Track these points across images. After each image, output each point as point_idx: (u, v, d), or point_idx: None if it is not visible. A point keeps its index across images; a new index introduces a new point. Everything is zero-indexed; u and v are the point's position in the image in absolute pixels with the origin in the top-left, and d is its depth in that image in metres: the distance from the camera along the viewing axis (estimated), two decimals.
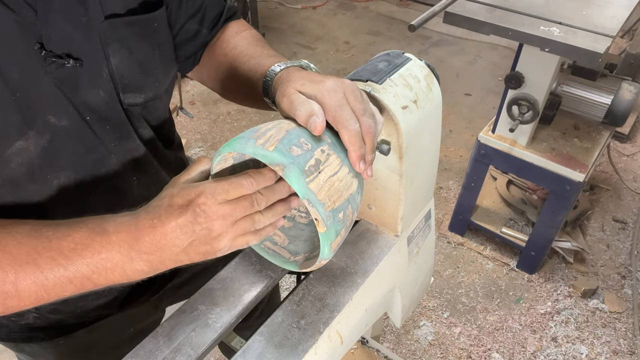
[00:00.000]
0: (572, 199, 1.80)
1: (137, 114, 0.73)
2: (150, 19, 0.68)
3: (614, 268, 2.16)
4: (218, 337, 0.68)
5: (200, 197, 0.52)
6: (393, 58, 0.73)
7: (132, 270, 0.54)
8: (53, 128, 0.62)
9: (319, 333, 0.68)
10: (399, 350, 1.87)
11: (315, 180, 0.52)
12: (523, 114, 1.71)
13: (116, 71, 0.66)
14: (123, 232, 0.53)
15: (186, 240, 0.52)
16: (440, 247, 2.25)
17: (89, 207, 0.71)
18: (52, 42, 0.58)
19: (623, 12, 1.53)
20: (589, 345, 1.88)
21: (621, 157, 2.74)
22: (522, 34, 1.44)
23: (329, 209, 0.53)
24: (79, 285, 0.54)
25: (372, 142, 0.57)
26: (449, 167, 2.67)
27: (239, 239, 0.55)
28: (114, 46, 0.64)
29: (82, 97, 0.63)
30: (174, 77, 0.80)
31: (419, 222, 0.89)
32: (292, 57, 3.60)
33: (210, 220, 0.51)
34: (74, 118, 0.63)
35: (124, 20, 0.65)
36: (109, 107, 0.67)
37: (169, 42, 0.75)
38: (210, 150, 2.77)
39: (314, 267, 0.60)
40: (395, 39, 3.89)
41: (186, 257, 0.54)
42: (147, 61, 0.70)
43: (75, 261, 0.52)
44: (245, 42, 0.80)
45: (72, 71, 0.61)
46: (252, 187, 0.54)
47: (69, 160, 0.66)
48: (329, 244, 0.54)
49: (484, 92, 3.26)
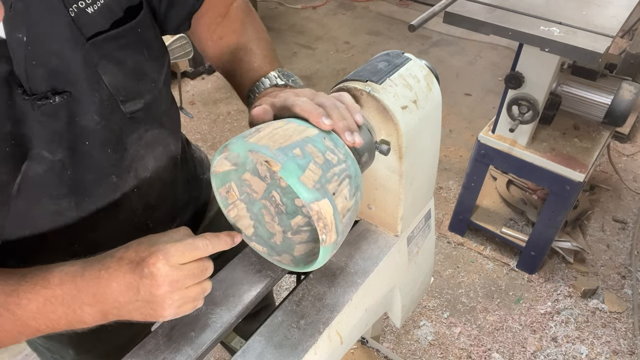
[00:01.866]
0: (572, 199, 1.80)
1: (141, 118, 0.71)
2: (133, 26, 0.66)
3: (614, 268, 2.16)
4: (218, 337, 0.68)
5: (152, 256, 0.50)
6: (393, 58, 0.73)
7: (76, 321, 0.53)
8: (49, 162, 0.61)
9: (319, 333, 0.68)
10: (399, 350, 1.87)
11: (255, 136, 0.54)
12: (523, 114, 1.71)
13: (110, 87, 0.64)
14: (67, 283, 0.52)
15: (129, 298, 0.51)
16: (440, 247, 2.25)
17: (92, 225, 0.70)
18: (34, 87, 0.55)
19: (623, 12, 1.53)
20: (589, 345, 1.88)
21: (621, 157, 2.74)
22: (522, 34, 1.44)
23: (274, 148, 0.53)
24: (30, 335, 0.55)
25: (337, 110, 0.59)
26: (449, 167, 2.67)
27: (185, 306, 0.54)
28: (102, 64, 0.62)
29: (79, 125, 0.61)
30: (168, 65, 0.78)
31: (419, 222, 0.89)
32: (292, 57, 3.60)
33: (156, 285, 0.50)
34: (72, 147, 0.62)
35: (107, 37, 0.62)
36: (107, 128, 0.65)
37: (155, 34, 0.73)
38: (210, 150, 2.77)
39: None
40: (395, 39, 3.89)
41: (127, 314, 0.53)
42: (139, 66, 0.68)
43: (21, 316, 0.52)
44: (232, 28, 0.81)
45: (62, 105, 0.59)
46: (207, 249, 0.53)
47: (69, 189, 0.65)
48: (297, 179, 0.52)
49: (484, 92, 3.26)
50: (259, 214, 0.67)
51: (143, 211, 0.78)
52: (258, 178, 0.66)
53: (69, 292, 0.52)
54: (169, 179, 0.82)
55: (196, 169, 0.96)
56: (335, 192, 0.55)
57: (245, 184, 0.66)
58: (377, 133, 0.70)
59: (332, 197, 0.54)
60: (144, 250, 0.52)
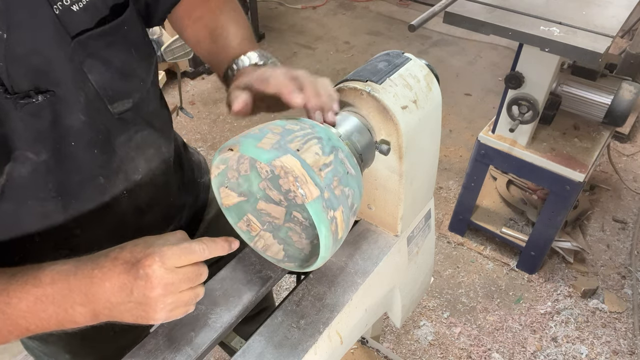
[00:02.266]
0: (572, 199, 1.80)
1: (130, 118, 0.70)
2: (119, 24, 0.65)
3: (614, 268, 2.16)
4: (218, 337, 0.68)
5: (148, 258, 0.50)
6: (393, 58, 0.73)
7: (67, 321, 0.53)
8: (33, 163, 0.60)
9: (319, 333, 0.68)
10: (399, 350, 1.87)
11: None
12: (523, 114, 1.71)
13: (97, 86, 0.63)
14: (59, 282, 0.52)
15: (121, 299, 0.51)
16: (440, 247, 2.25)
17: (79, 227, 0.70)
18: (16, 85, 0.55)
19: (623, 12, 1.53)
20: (589, 345, 1.88)
21: (621, 157, 2.74)
22: (522, 34, 1.44)
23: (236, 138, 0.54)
24: (20, 334, 0.54)
25: (312, 85, 0.59)
26: (449, 167, 2.67)
27: (177, 310, 0.53)
28: (88, 62, 0.61)
29: (64, 125, 0.60)
30: (156, 64, 0.77)
31: (419, 222, 0.89)
32: (292, 57, 3.60)
33: (150, 287, 0.50)
34: (55, 148, 0.61)
35: (93, 34, 0.61)
36: (93, 128, 0.64)
37: (143, 35, 0.72)
38: (210, 150, 2.77)
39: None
40: (395, 39, 3.89)
41: (119, 315, 0.52)
42: (126, 65, 0.67)
43: (10, 315, 0.52)
44: (210, 8, 0.80)
45: (46, 104, 0.58)
46: (203, 254, 0.53)
47: (56, 191, 0.64)
48: (254, 147, 0.52)
49: (484, 92, 3.26)
50: (287, 237, 0.67)
51: (134, 214, 0.77)
52: (273, 204, 0.66)
53: (60, 291, 0.51)
54: (161, 182, 0.81)
55: (193, 172, 0.95)
56: (299, 150, 0.53)
57: (263, 214, 0.65)
58: (377, 133, 0.70)
59: (295, 153, 0.52)
60: (140, 252, 0.51)
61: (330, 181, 0.53)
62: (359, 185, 0.58)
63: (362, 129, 0.67)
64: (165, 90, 3.06)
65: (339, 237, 0.56)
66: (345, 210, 0.55)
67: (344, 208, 0.55)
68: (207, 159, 1.02)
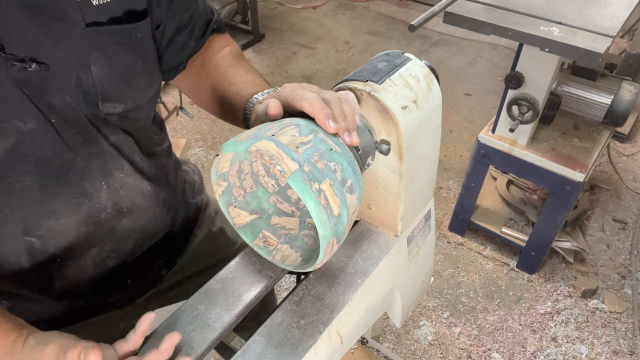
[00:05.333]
0: (572, 199, 1.80)
1: (114, 122, 0.71)
2: (134, 29, 0.67)
3: (614, 268, 2.16)
4: (218, 337, 0.68)
5: None
6: (393, 58, 0.73)
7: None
8: (19, 132, 0.61)
9: (319, 333, 0.68)
10: (399, 350, 1.87)
11: None
12: (523, 114, 1.71)
13: (96, 80, 0.64)
14: None
15: None
16: (440, 247, 2.25)
17: (55, 211, 0.69)
18: (14, 46, 0.57)
19: (623, 12, 1.53)
20: (589, 345, 1.88)
21: (621, 157, 2.74)
22: (522, 34, 1.44)
23: None
24: None
25: (340, 108, 0.60)
26: (449, 167, 2.67)
27: None
28: (95, 55, 0.63)
29: (47, 100, 0.62)
30: (159, 87, 0.79)
31: (419, 222, 0.89)
32: (292, 57, 3.60)
33: None
34: (40, 121, 0.62)
35: (107, 29, 0.64)
36: (74, 113, 0.65)
37: (153, 52, 0.74)
38: (210, 150, 2.77)
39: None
40: (395, 39, 3.89)
41: None
42: (129, 72, 0.69)
43: None
44: (227, 62, 0.84)
45: (36, 75, 0.60)
46: None
47: (35, 165, 0.65)
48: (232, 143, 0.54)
49: (484, 92, 3.26)
50: (304, 244, 0.67)
51: (112, 212, 0.76)
52: (287, 217, 0.66)
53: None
54: (144, 191, 0.80)
55: (184, 193, 0.95)
56: (274, 135, 0.53)
57: (278, 227, 0.66)
58: (377, 133, 0.70)
59: (270, 137, 0.52)
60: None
61: (310, 156, 0.53)
62: (348, 161, 0.57)
63: (362, 129, 0.67)
64: (165, 90, 3.06)
65: (334, 213, 0.53)
66: (334, 184, 0.53)
67: (332, 181, 0.53)
68: (207, 159, 1.02)
